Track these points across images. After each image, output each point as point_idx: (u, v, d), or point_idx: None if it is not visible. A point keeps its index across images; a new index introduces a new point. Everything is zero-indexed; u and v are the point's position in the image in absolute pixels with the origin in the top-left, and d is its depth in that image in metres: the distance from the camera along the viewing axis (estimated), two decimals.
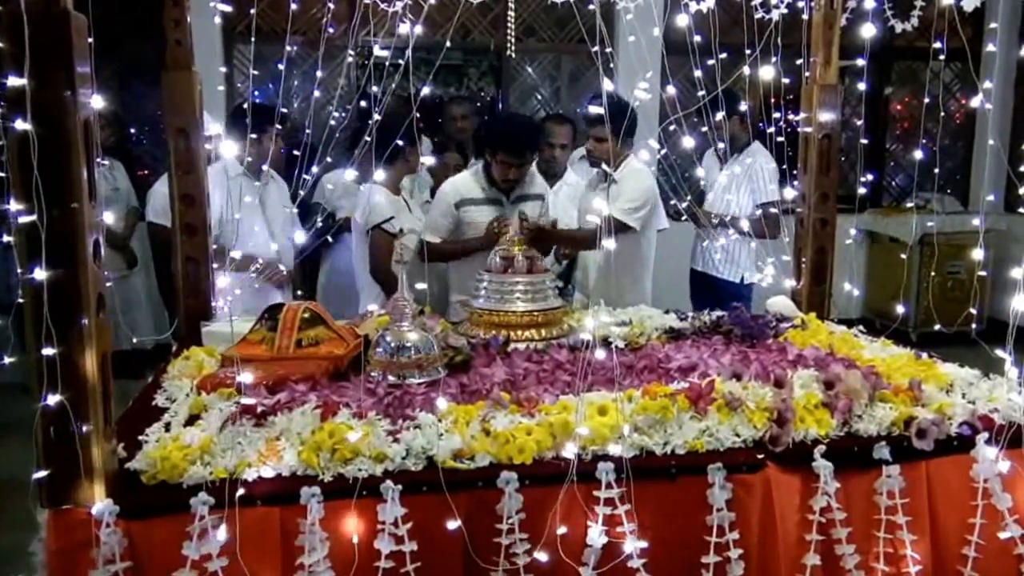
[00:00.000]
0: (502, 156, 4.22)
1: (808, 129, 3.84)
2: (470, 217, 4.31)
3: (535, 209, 4.39)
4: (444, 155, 4.75)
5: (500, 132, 4.37)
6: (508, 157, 4.21)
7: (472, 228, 4.31)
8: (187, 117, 3.45)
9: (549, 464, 2.28)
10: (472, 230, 4.31)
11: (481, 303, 3.45)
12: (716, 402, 2.46)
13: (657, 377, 2.82)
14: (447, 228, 4.34)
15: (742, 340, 3.36)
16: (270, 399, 2.59)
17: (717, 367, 2.85)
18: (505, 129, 4.42)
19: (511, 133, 4.31)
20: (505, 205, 4.34)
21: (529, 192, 4.41)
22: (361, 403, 2.52)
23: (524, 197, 4.39)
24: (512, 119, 5.43)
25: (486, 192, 4.34)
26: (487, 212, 4.30)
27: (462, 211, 4.32)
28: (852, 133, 6.87)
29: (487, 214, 4.28)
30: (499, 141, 4.28)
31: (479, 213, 4.30)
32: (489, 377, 2.80)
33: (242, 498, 2.10)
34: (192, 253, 3.51)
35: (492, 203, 4.32)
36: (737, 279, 5.15)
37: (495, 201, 4.33)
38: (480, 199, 4.33)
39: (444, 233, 4.35)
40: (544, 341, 3.33)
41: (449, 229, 4.35)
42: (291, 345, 3.03)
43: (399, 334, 2.93)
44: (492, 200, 4.33)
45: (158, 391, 2.87)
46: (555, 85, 7.66)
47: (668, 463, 2.33)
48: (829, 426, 2.48)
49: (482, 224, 4.24)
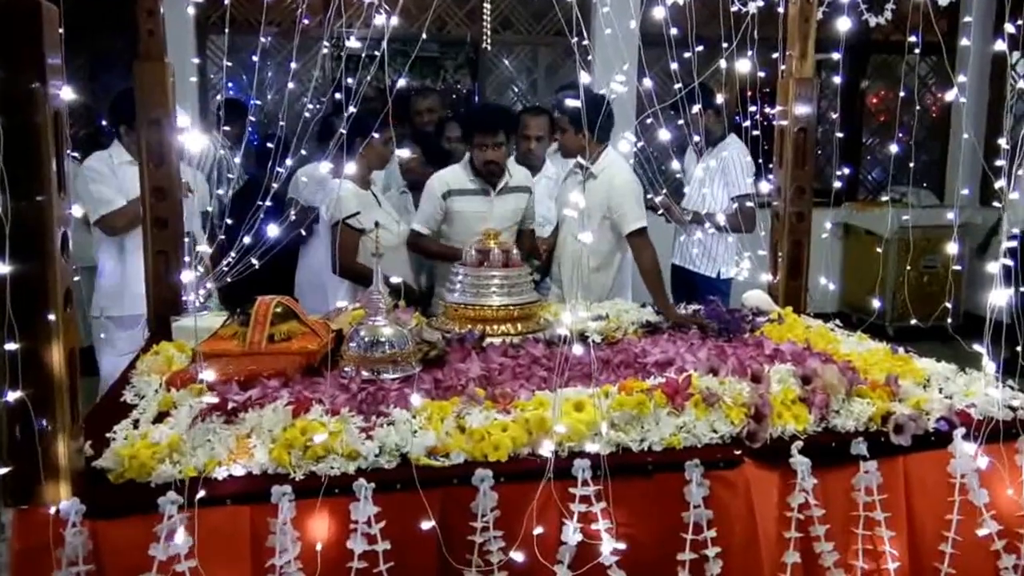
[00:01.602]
0: (477, 138, 4.25)
1: (784, 123, 3.82)
2: (458, 207, 4.32)
3: (519, 202, 4.40)
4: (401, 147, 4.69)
5: (473, 114, 4.58)
6: (482, 137, 4.23)
7: (459, 218, 4.32)
8: (159, 108, 3.39)
9: (525, 461, 2.26)
10: (459, 220, 4.32)
11: (456, 297, 3.41)
12: (693, 398, 2.44)
13: (633, 372, 2.80)
14: (436, 219, 4.36)
15: (718, 335, 3.34)
16: (241, 395, 2.54)
17: (694, 362, 2.82)
18: (477, 111, 4.70)
19: (482, 112, 4.51)
20: (491, 196, 4.33)
21: (514, 185, 4.40)
22: (334, 399, 2.48)
23: (509, 189, 4.38)
24: (485, 104, 5.79)
25: (473, 183, 4.33)
26: (474, 203, 4.32)
27: (449, 201, 4.33)
28: (828, 126, 6.87)
29: (474, 205, 4.31)
30: (472, 122, 4.39)
31: (466, 203, 4.32)
32: (464, 372, 2.76)
33: (212, 497, 2.06)
34: (163, 246, 3.45)
35: (479, 194, 4.33)
36: (714, 274, 5.12)
37: (482, 192, 4.33)
38: (467, 190, 4.33)
39: (434, 224, 4.37)
40: (520, 335, 3.30)
41: (438, 220, 4.36)
42: (263, 340, 2.98)
43: (373, 329, 2.88)
44: (479, 191, 4.33)
45: (126, 387, 2.82)
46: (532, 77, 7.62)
47: (645, 460, 2.30)
48: (806, 421, 2.47)
49: (468, 215, 4.28)
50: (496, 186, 4.34)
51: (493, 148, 4.22)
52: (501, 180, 4.35)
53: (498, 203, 4.34)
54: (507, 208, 4.37)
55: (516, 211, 4.41)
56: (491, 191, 4.33)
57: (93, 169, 4.34)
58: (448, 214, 4.35)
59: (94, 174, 4.31)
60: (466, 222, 4.27)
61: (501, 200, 4.35)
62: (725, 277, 5.11)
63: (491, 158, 4.24)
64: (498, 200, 4.34)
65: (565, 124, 4.09)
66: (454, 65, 7.99)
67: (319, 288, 4.35)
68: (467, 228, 4.23)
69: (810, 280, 3.95)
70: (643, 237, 3.90)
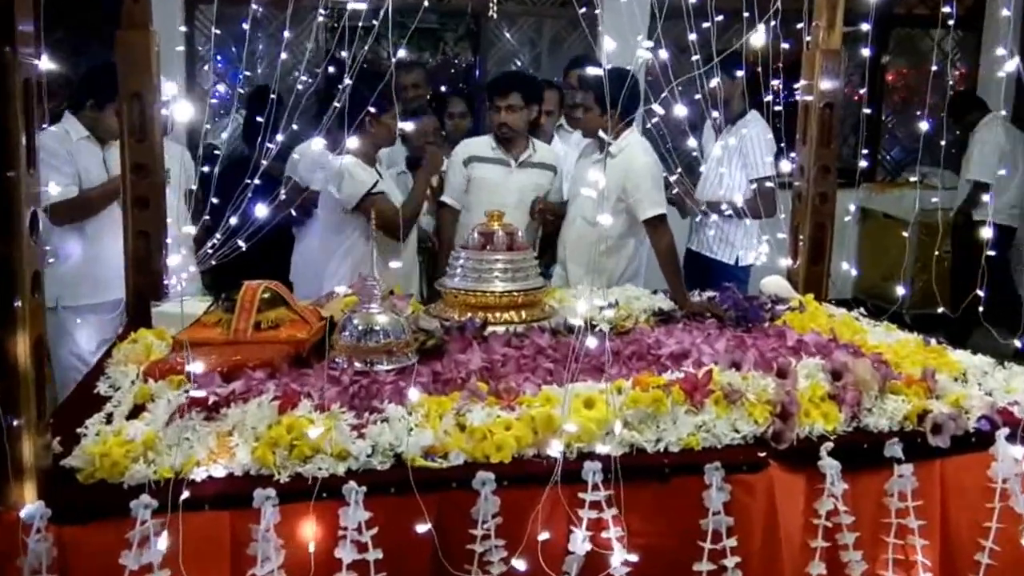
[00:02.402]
0: (494, 100, 4.18)
1: (809, 98, 3.62)
2: (478, 174, 4.23)
3: (542, 178, 4.26)
4: (422, 119, 4.41)
5: (491, 79, 4.55)
6: (496, 99, 4.16)
7: (477, 187, 4.21)
8: (143, 80, 3.18)
9: (530, 463, 2.07)
10: (477, 189, 4.21)
11: (456, 282, 3.22)
12: (714, 394, 2.25)
13: (647, 365, 2.61)
14: (462, 189, 4.26)
15: (736, 324, 3.15)
16: (224, 388, 2.35)
17: (712, 354, 2.64)
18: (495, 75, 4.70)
19: (500, 75, 4.55)
20: (512, 167, 4.21)
21: (537, 160, 4.27)
22: (323, 393, 2.30)
23: (531, 163, 4.24)
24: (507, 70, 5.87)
25: (495, 151, 4.24)
26: (493, 171, 4.22)
27: (470, 168, 4.24)
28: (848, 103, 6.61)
29: (493, 173, 4.21)
30: (490, 85, 4.34)
31: (485, 171, 4.23)
32: (464, 364, 2.57)
33: (189, 501, 1.88)
34: (144, 227, 3.26)
35: (499, 163, 4.23)
36: (732, 260, 4.83)
37: (502, 162, 4.23)
38: (488, 157, 4.24)
39: (460, 196, 4.27)
40: (524, 324, 3.11)
41: (463, 189, 4.27)
42: (249, 328, 2.80)
43: (367, 317, 2.69)
44: (499, 160, 4.23)
45: (101, 378, 2.63)
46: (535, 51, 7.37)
47: (660, 462, 2.11)
48: (836, 421, 2.28)
49: (486, 183, 4.19)
50: (517, 157, 4.17)
51: (506, 111, 4.12)
52: (523, 151, 4.20)
53: (518, 175, 4.20)
54: (527, 182, 4.23)
55: (537, 187, 4.26)
56: (512, 162, 4.14)
57: (45, 148, 4.01)
58: (468, 182, 4.25)
59: (45, 154, 4.01)
60: (484, 191, 4.17)
61: (521, 172, 4.22)
62: (744, 264, 4.82)
63: (502, 120, 4.14)
64: (518, 172, 4.21)
65: (589, 102, 3.83)
66: (454, 37, 7.72)
67: (316, 273, 4.13)
68: (485, 198, 4.08)
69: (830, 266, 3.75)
70: (661, 224, 3.67)
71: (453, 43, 7.73)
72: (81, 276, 4.05)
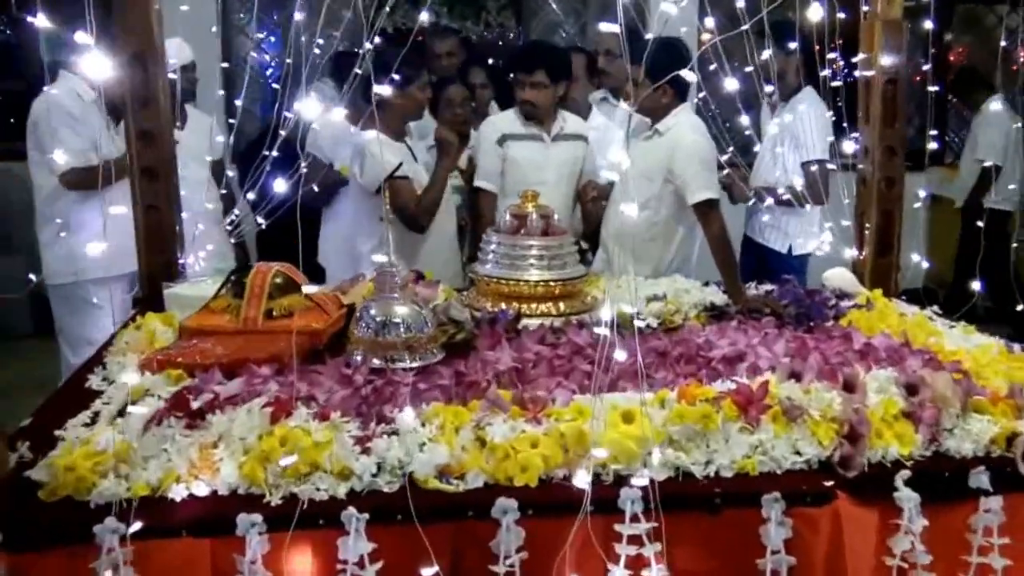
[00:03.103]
0: (517, 75, 3.89)
1: (869, 73, 3.29)
2: (513, 153, 3.93)
3: (576, 150, 3.97)
4: (448, 89, 4.09)
5: (515, 52, 4.33)
6: (518, 75, 3.87)
7: (514, 167, 3.91)
8: (142, 39, 2.93)
9: (558, 488, 1.80)
10: (514, 169, 3.91)
11: (488, 269, 2.95)
12: (771, 410, 1.96)
13: (695, 369, 2.32)
14: (497, 170, 3.95)
15: (797, 322, 2.84)
16: (223, 385, 2.11)
17: (769, 358, 2.35)
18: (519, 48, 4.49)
19: (521, 48, 4.37)
20: (547, 142, 3.92)
21: (569, 132, 3.98)
22: (331, 395, 2.05)
23: (564, 136, 3.96)
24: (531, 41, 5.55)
25: (526, 127, 3.93)
26: (530, 149, 3.92)
27: (505, 147, 3.94)
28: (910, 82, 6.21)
29: (530, 151, 3.91)
30: (512, 59, 4.07)
31: (521, 150, 3.92)
32: (492, 364, 2.30)
33: (164, 526, 1.65)
34: (153, 200, 3.01)
35: (534, 140, 3.93)
36: (784, 249, 4.45)
37: (537, 138, 3.93)
38: (521, 135, 3.93)
39: (496, 178, 3.94)
40: (562, 316, 2.84)
41: (499, 171, 3.95)
42: (259, 316, 2.57)
43: (386, 307, 2.44)
44: (533, 136, 3.93)
45: (96, 369, 2.40)
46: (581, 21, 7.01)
47: (711, 490, 1.83)
48: (913, 444, 1.98)
49: (523, 162, 3.89)
50: (551, 131, 3.90)
51: (530, 87, 3.82)
52: (555, 124, 3.93)
53: (554, 150, 3.92)
54: (564, 156, 3.95)
55: (574, 160, 3.97)
56: (546, 136, 3.87)
57: (63, 108, 3.85)
58: (505, 162, 3.94)
59: (65, 116, 3.85)
60: (522, 171, 3.87)
61: (557, 147, 3.93)
62: (799, 253, 4.45)
63: (526, 97, 3.84)
64: (554, 147, 3.92)
65: (638, 76, 3.44)
66: (497, 6, 7.40)
67: (348, 257, 3.86)
68: (523, 178, 3.80)
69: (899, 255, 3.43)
70: (712, 209, 3.33)
71: (496, 12, 7.41)
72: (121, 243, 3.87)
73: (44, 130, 3.86)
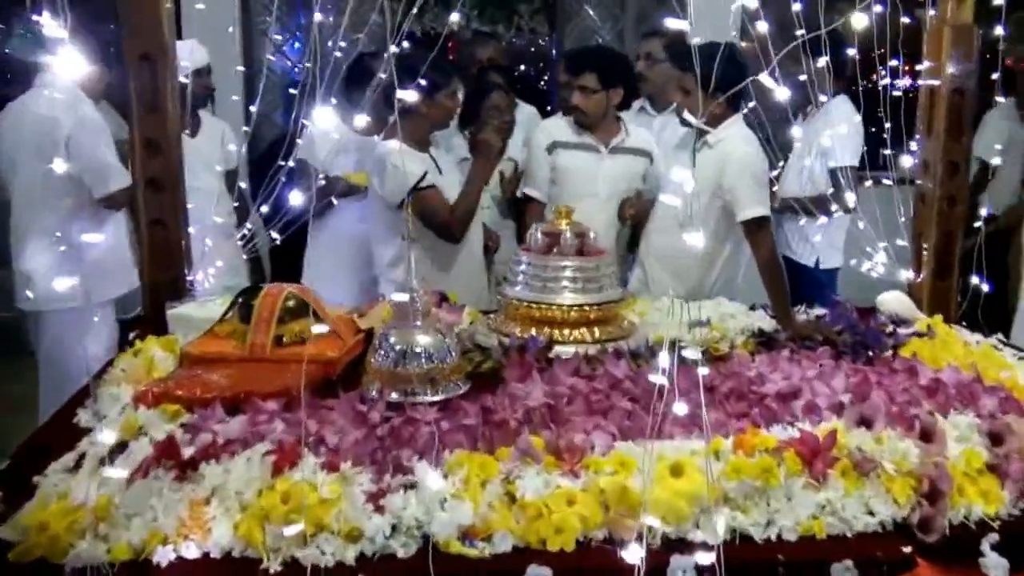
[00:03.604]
0: (567, 77, 3.71)
1: (934, 82, 3.05)
2: (563, 162, 3.69)
3: (636, 166, 3.72)
4: (491, 96, 3.83)
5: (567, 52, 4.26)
6: (569, 76, 3.67)
7: (563, 177, 3.68)
8: (152, 39, 2.72)
9: (598, 553, 1.58)
10: (563, 180, 3.68)
11: (518, 291, 2.72)
12: (839, 463, 1.73)
13: (747, 407, 2.09)
14: (546, 178, 3.72)
15: (853, 352, 2.61)
16: (225, 423, 1.91)
17: (828, 395, 2.12)
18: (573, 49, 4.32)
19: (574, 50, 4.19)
20: (602, 153, 3.68)
21: (631, 145, 3.72)
22: (343, 437, 1.83)
23: (624, 149, 3.70)
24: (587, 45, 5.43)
25: (580, 136, 3.69)
26: (581, 159, 3.67)
27: (555, 155, 3.70)
28: None
29: (581, 161, 3.67)
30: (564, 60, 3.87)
31: (572, 159, 3.68)
32: (522, 400, 2.07)
33: None
34: (159, 214, 2.81)
35: (587, 149, 3.68)
36: (811, 262, 4.27)
37: (589, 148, 3.68)
38: (573, 143, 3.69)
39: (545, 186, 3.72)
40: (598, 344, 2.61)
41: (548, 179, 3.72)
42: (268, 343, 2.36)
43: (405, 335, 2.23)
44: (586, 146, 3.68)
45: (87, 401, 2.19)
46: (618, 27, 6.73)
47: (772, 556, 1.60)
48: (1000, 502, 1.75)
49: (573, 173, 3.66)
50: (608, 142, 3.66)
51: (578, 92, 3.58)
52: (614, 135, 3.68)
53: (609, 162, 3.67)
54: (619, 169, 3.69)
55: (631, 176, 3.72)
56: (601, 147, 3.64)
57: (97, 123, 3.59)
58: (555, 170, 3.71)
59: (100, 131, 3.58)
60: (571, 183, 3.65)
61: (614, 160, 3.68)
62: (826, 267, 4.28)
63: (574, 103, 3.61)
64: (610, 159, 3.67)
65: (690, 84, 3.20)
66: (529, 10, 7.16)
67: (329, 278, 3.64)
68: (572, 190, 3.60)
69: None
70: (762, 228, 3.08)
71: (528, 16, 7.18)
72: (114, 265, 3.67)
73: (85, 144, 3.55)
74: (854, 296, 3.21)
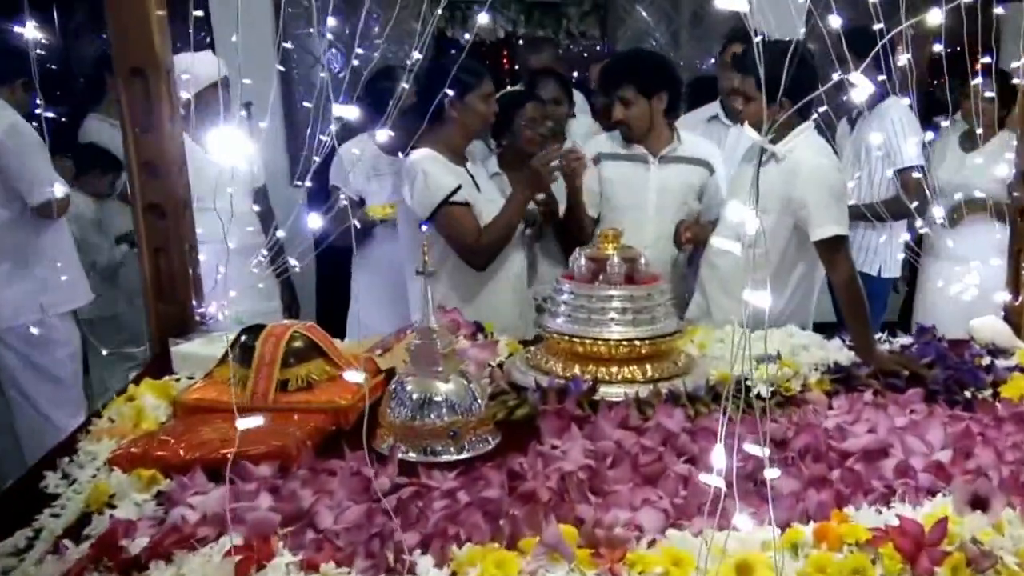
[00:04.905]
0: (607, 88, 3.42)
1: None
2: (608, 174, 3.37)
3: (692, 176, 3.39)
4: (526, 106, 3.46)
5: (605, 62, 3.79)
6: (607, 87, 3.40)
7: (609, 187, 3.37)
8: (142, 52, 2.46)
9: None
10: (610, 192, 3.37)
11: (560, 323, 2.40)
12: (950, 558, 1.38)
13: (826, 470, 1.74)
14: (595, 191, 3.38)
15: (946, 391, 2.25)
16: (205, 491, 1.62)
17: (924, 454, 1.77)
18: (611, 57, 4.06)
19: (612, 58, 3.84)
20: (651, 163, 3.34)
21: (684, 154, 3.38)
22: (339, 514, 1.53)
23: (676, 158, 3.36)
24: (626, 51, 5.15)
25: (626, 147, 3.37)
26: (628, 171, 3.35)
27: (600, 167, 3.38)
28: None
29: (628, 173, 3.35)
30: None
31: (617, 170, 3.36)
32: (557, 462, 1.76)
33: None
34: (161, 242, 2.55)
35: (635, 160, 3.35)
36: (874, 271, 3.99)
37: (637, 158, 3.35)
38: (618, 154, 3.38)
39: (595, 199, 3.38)
40: (649, 384, 2.27)
41: (598, 192, 3.39)
42: (271, 389, 2.07)
43: (424, 383, 1.93)
44: (633, 157, 3.35)
45: (61, 461, 1.91)
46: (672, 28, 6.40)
47: None
48: None
49: (619, 186, 3.35)
50: (657, 151, 3.33)
51: (619, 105, 3.25)
52: (664, 144, 3.35)
53: (660, 172, 3.33)
54: (671, 180, 3.35)
55: (686, 187, 3.37)
56: (650, 157, 3.32)
57: (27, 133, 3.49)
58: (602, 184, 3.39)
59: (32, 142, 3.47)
60: (617, 196, 3.34)
61: (665, 170, 3.34)
62: (888, 276, 4.04)
63: (619, 116, 3.28)
64: (661, 169, 3.33)
65: (751, 90, 2.86)
66: (579, 13, 6.83)
67: (390, 309, 3.34)
68: (617, 203, 3.32)
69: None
70: (840, 248, 2.69)
71: (578, 19, 6.86)
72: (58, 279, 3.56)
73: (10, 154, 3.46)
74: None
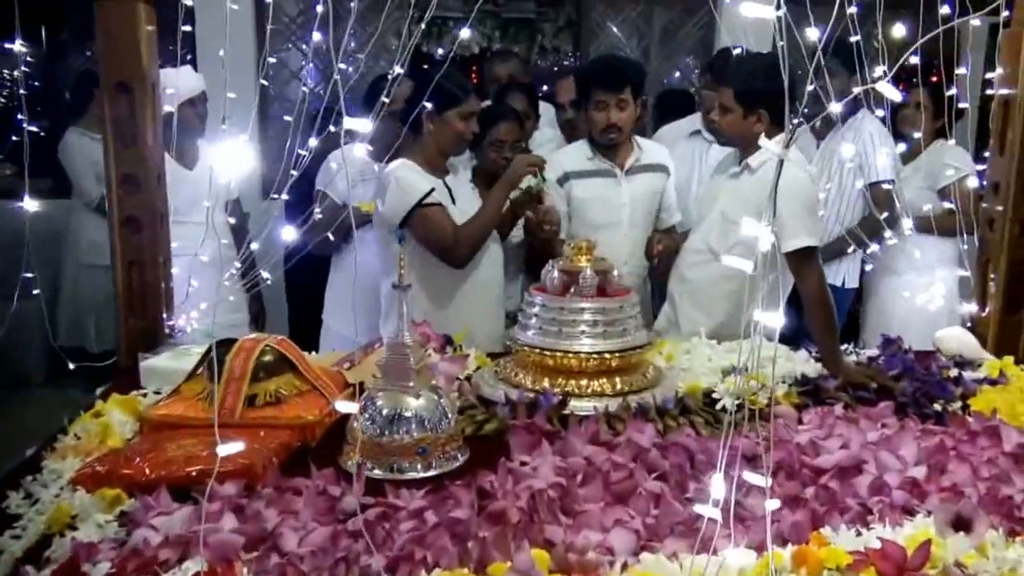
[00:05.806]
0: (598, 94, 3.23)
1: (1009, 91, 2.70)
2: (578, 193, 3.35)
3: (656, 182, 3.39)
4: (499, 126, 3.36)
5: (591, 66, 3.73)
6: (604, 93, 3.23)
7: (580, 206, 3.35)
8: (129, 66, 2.45)
9: None
10: (582, 209, 3.34)
11: (530, 336, 2.39)
12: None
13: (800, 488, 1.74)
14: (563, 213, 3.34)
15: (915, 405, 2.26)
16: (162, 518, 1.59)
17: (899, 470, 1.78)
18: (597, 62, 3.87)
19: (605, 63, 3.59)
20: (619, 178, 3.32)
21: (647, 162, 3.38)
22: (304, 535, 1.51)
23: (641, 168, 3.36)
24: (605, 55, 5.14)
25: (593, 162, 3.34)
26: (598, 187, 3.33)
27: (568, 186, 3.35)
28: None
29: (598, 189, 3.32)
30: (591, 76, 3.35)
31: (586, 188, 3.34)
32: (527, 480, 1.74)
33: None
34: (134, 256, 2.53)
35: (603, 175, 3.33)
36: (839, 281, 3.99)
37: (606, 173, 3.33)
38: (588, 171, 3.34)
39: (566, 222, 3.34)
40: (619, 397, 2.27)
41: (565, 214, 3.35)
42: (238, 405, 2.05)
43: (394, 398, 1.91)
44: (602, 172, 3.33)
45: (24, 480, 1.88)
46: (644, 43, 6.44)
47: None
48: None
49: (590, 203, 3.32)
50: (623, 164, 3.32)
51: (617, 108, 3.21)
52: (629, 155, 3.34)
53: (628, 185, 3.33)
54: (640, 191, 3.35)
55: (651, 194, 3.38)
56: (618, 171, 3.31)
57: None
58: (571, 203, 3.36)
59: None
60: (590, 213, 3.32)
61: (632, 182, 3.34)
62: (850, 287, 4.06)
63: (612, 121, 3.22)
64: (628, 181, 3.33)
65: (730, 101, 2.83)
66: (553, 28, 6.87)
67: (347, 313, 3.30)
68: (589, 221, 3.30)
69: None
70: (809, 259, 2.69)
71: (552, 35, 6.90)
72: None
73: None
74: None
